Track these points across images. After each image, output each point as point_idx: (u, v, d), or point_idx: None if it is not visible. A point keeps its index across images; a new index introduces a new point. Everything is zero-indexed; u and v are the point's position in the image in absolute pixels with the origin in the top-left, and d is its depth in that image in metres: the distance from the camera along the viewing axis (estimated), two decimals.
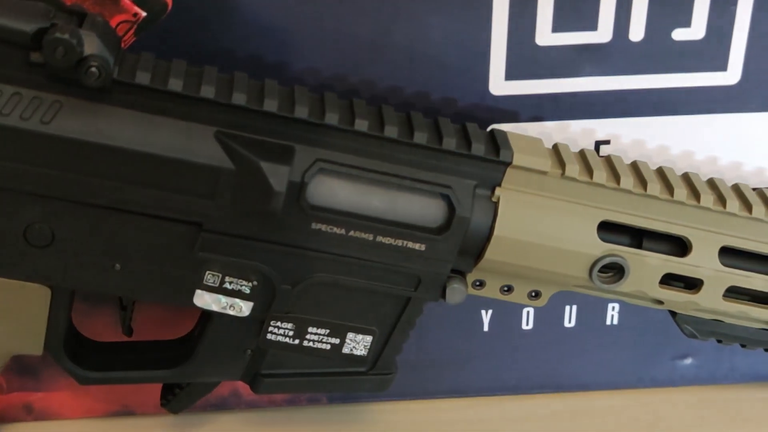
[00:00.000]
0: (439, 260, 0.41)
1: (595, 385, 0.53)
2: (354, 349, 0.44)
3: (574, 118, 0.46)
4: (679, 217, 0.43)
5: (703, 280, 0.43)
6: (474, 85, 0.44)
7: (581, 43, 0.44)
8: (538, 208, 0.41)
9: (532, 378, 0.53)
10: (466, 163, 0.40)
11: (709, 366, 0.53)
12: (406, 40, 0.43)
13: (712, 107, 0.46)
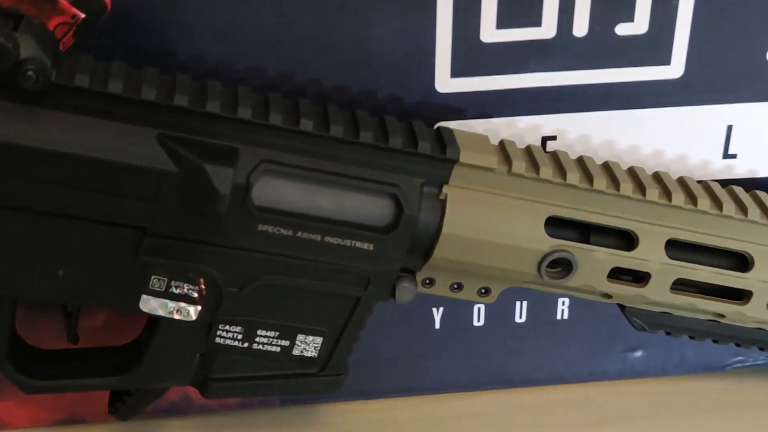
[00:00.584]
0: (387, 259, 0.41)
1: (548, 379, 0.54)
2: (304, 351, 0.43)
3: (521, 114, 0.46)
4: (625, 211, 0.43)
5: (650, 273, 0.43)
6: (420, 82, 0.44)
7: (526, 39, 0.44)
8: (485, 205, 0.41)
9: (485, 374, 0.53)
10: (413, 161, 0.40)
11: (659, 358, 0.54)
12: (351, 39, 0.43)
13: (657, 101, 0.46)
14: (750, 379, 0.55)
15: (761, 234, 0.44)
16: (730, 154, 0.48)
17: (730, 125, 0.47)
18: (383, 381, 0.52)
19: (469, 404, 0.53)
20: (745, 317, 0.45)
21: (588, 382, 0.54)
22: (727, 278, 0.44)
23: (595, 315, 0.52)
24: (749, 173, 0.49)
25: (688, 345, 0.53)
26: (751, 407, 0.53)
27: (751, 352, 0.53)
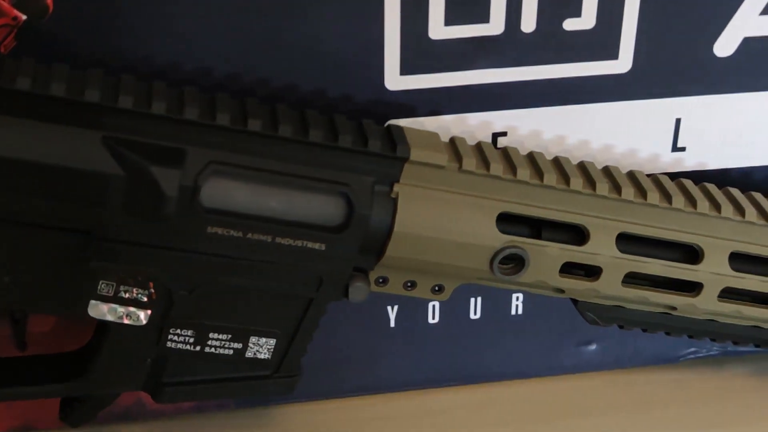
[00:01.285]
0: (340, 259, 0.41)
1: (503, 375, 0.54)
2: (257, 353, 0.43)
3: (471, 110, 0.46)
4: (576, 206, 0.43)
5: (602, 268, 0.44)
6: (369, 80, 0.44)
7: (474, 35, 0.44)
8: (436, 202, 0.41)
9: (441, 371, 0.53)
10: (363, 160, 0.40)
11: (613, 351, 0.54)
12: (299, 38, 0.43)
13: (606, 96, 0.47)
14: (704, 370, 0.55)
15: (711, 226, 0.44)
16: (679, 147, 0.49)
17: (679, 118, 0.48)
18: (339, 381, 0.52)
19: (425, 402, 0.53)
20: (696, 309, 0.46)
21: (543, 377, 0.54)
22: (678, 271, 0.44)
23: (550, 310, 0.52)
24: (698, 165, 0.49)
25: (642, 337, 0.53)
26: (705, 398, 0.53)
27: (705, 343, 0.54)
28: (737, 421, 0.51)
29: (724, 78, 0.47)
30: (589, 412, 0.52)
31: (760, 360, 0.56)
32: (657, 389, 0.54)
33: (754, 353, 0.55)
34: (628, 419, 0.52)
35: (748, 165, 0.49)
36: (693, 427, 0.51)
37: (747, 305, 0.46)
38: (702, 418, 0.52)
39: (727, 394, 0.53)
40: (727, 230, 0.45)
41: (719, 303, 0.45)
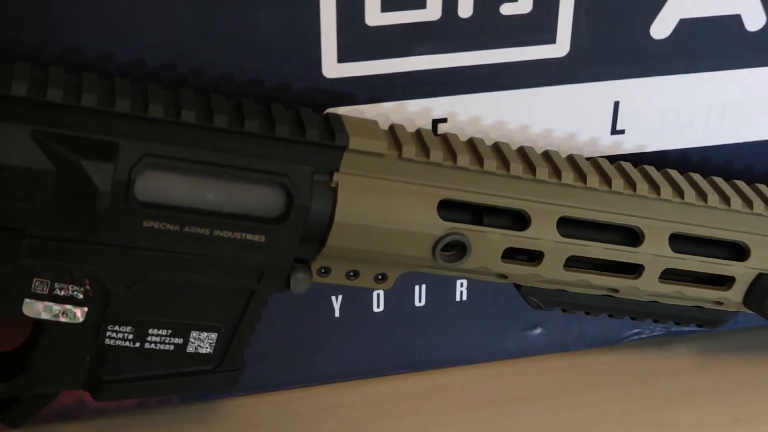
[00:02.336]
0: (280, 250, 0.40)
1: (450, 361, 0.54)
2: (199, 348, 0.42)
3: (411, 97, 0.46)
4: (516, 192, 0.43)
5: (543, 252, 0.44)
6: (307, 69, 0.43)
7: (411, 21, 0.43)
8: (377, 191, 0.41)
9: (387, 359, 0.53)
10: (301, 149, 0.40)
11: (558, 334, 0.55)
12: (234, 26, 0.42)
13: (545, 80, 0.47)
14: (647, 351, 0.56)
15: (650, 208, 0.45)
16: (618, 130, 0.49)
17: (617, 101, 0.48)
18: (284, 372, 0.51)
19: (372, 390, 0.52)
20: (638, 291, 0.46)
21: (489, 362, 0.54)
22: (619, 253, 0.45)
23: (494, 295, 0.52)
24: (637, 148, 0.49)
25: (586, 320, 0.54)
26: (649, 378, 0.54)
27: (648, 324, 0.54)
28: (680, 401, 0.52)
29: (662, 60, 0.47)
30: (535, 395, 0.52)
31: (703, 339, 0.56)
32: (601, 371, 0.54)
33: (697, 333, 0.56)
34: (574, 401, 0.52)
35: (686, 146, 0.50)
36: (637, 407, 0.51)
37: (688, 286, 0.47)
38: (645, 398, 0.52)
39: (670, 374, 0.54)
40: (666, 212, 0.45)
41: (660, 284, 0.46)
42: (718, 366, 0.55)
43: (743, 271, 0.46)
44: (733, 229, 0.46)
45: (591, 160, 0.45)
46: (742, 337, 0.56)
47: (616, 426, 0.50)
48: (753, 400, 0.52)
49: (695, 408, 0.52)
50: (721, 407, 0.51)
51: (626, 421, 0.51)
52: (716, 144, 0.50)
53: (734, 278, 0.46)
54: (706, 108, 0.49)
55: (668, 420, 0.51)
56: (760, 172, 0.51)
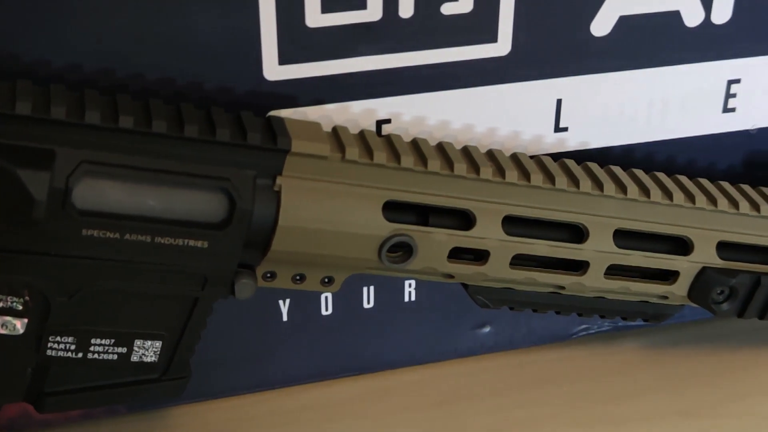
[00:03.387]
0: (224, 256, 0.40)
1: (399, 362, 0.54)
2: (143, 357, 0.42)
3: (354, 98, 0.45)
4: (461, 191, 0.43)
5: (489, 251, 0.44)
6: (247, 71, 0.43)
7: (352, 22, 0.43)
8: (321, 194, 0.41)
9: (337, 362, 0.52)
10: (243, 153, 0.39)
11: (507, 332, 0.55)
12: (172, 30, 0.41)
13: (487, 79, 0.47)
14: (596, 346, 0.56)
15: (594, 205, 0.45)
16: (562, 128, 0.49)
17: (560, 99, 0.48)
18: (233, 378, 0.51)
19: (322, 394, 0.52)
20: (584, 287, 0.46)
21: (439, 362, 0.54)
22: (564, 250, 0.45)
23: (442, 295, 0.52)
24: (581, 145, 0.50)
25: (534, 317, 0.54)
26: (597, 374, 0.54)
27: (596, 319, 0.55)
28: (628, 395, 0.52)
29: (603, 57, 0.47)
30: (485, 394, 0.52)
31: (651, 334, 0.57)
32: (550, 367, 0.54)
33: (644, 327, 0.56)
34: (523, 399, 0.52)
35: (629, 142, 0.50)
36: (586, 403, 0.52)
37: (633, 281, 0.47)
38: (594, 393, 0.52)
39: (618, 368, 0.54)
40: (610, 208, 0.45)
41: (606, 280, 0.46)
42: (665, 359, 0.55)
43: (687, 265, 0.47)
44: (676, 223, 0.46)
45: (535, 158, 0.46)
46: (688, 330, 0.57)
47: (565, 422, 0.51)
48: (700, 393, 0.53)
49: (643, 402, 0.52)
50: (669, 400, 0.52)
51: (576, 417, 0.51)
52: (659, 139, 0.51)
53: (678, 272, 0.47)
54: (648, 104, 0.49)
55: (617, 414, 0.51)
56: (702, 167, 0.52)
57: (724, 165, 0.52)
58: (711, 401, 0.52)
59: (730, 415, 0.51)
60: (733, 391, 0.53)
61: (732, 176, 0.52)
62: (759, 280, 0.48)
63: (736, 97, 0.50)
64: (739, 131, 0.52)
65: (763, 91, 0.51)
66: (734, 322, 0.50)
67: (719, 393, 0.53)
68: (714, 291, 0.47)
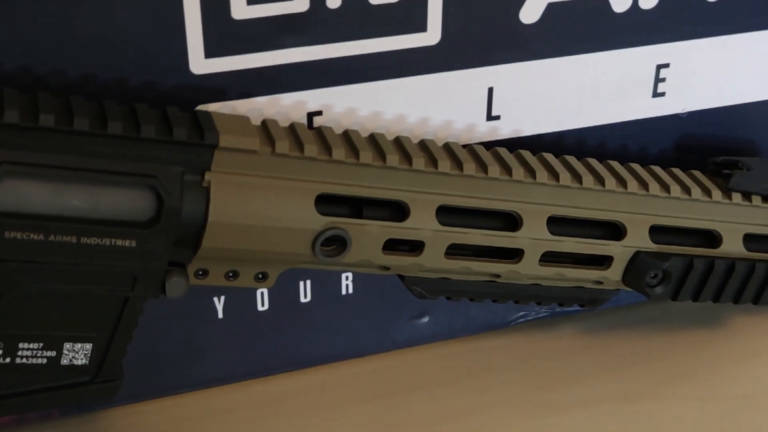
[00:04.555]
0: (153, 255, 0.39)
1: (338, 355, 0.53)
2: (74, 360, 0.41)
3: (284, 91, 0.45)
4: (394, 183, 0.43)
5: (424, 242, 0.43)
6: (173, 65, 0.42)
7: (279, 14, 0.42)
8: (251, 189, 0.40)
9: (276, 358, 0.52)
10: (169, 149, 0.38)
11: (445, 322, 0.55)
12: (93, 24, 0.40)
13: (418, 69, 0.46)
14: (534, 333, 0.56)
15: (527, 192, 0.45)
16: (494, 116, 0.49)
17: (491, 87, 0.48)
18: (169, 378, 0.50)
19: (262, 390, 0.52)
20: (519, 275, 0.46)
21: (378, 354, 0.54)
22: (499, 239, 0.45)
23: (380, 287, 0.52)
24: (513, 133, 0.50)
25: (472, 306, 0.54)
26: (536, 360, 0.54)
27: (533, 306, 0.55)
28: (567, 381, 0.53)
29: (532, 44, 0.47)
30: (425, 384, 0.52)
31: (588, 318, 0.57)
32: (489, 356, 0.54)
33: (582, 312, 0.56)
34: (463, 388, 0.52)
35: (561, 129, 0.50)
36: (526, 390, 0.52)
37: (568, 267, 0.47)
38: (534, 379, 0.53)
39: (557, 354, 0.55)
40: (543, 196, 0.45)
41: (541, 267, 0.46)
42: (602, 344, 0.56)
43: (620, 250, 0.47)
44: (608, 209, 0.46)
45: (467, 147, 0.45)
46: (624, 314, 0.57)
47: (506, 410, 0.51)
48: (638, 376, 0.53)
49: (583, 386, 0.52)
50: (608, 384, 0.52)
51: (516, 405, 0.51)
52: (590, 125, 0.51)
53: (612, 257, 0.47)
54: (579, 90, 0.50)
55: (557, 400, 0.51)
56: (633, 151, 0.52)
57: (656, 149, 0.53)
58: (648, 384, 0.53)
59: (667, 397, 0.52)
60: (671, 373, 0.53)
61: (663, 160, 0.52)
62: (692, 262, 0.48)
63: (666, 82, 0.51)
64: (670, 115, 0.52)
65: (692, 75, 0.51)
66: (669, 304, 0.50)
67: (656, 376, 0.53)
68: (648, 275, 0.47)
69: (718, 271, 0.49)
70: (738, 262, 0.49)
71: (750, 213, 0.49)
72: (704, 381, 0.53)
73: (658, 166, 0.49)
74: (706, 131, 0.53)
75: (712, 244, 0.49)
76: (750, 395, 0.52)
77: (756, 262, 0.49)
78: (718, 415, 0.51)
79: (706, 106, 0.52)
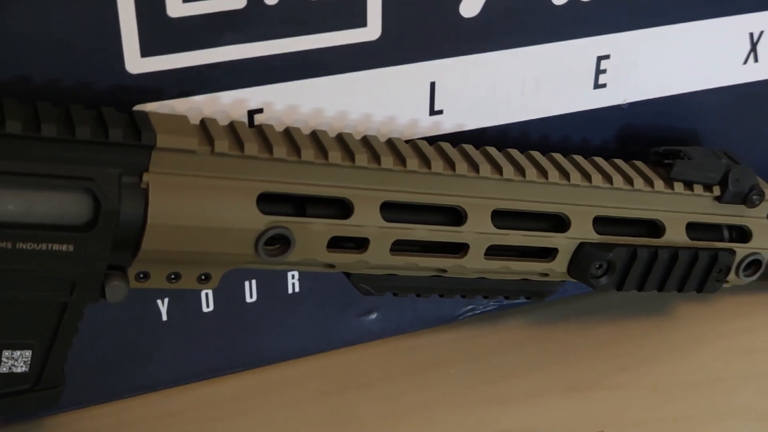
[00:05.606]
0: (92, 259, 0.38)
1: (286, 355, 0.53)
2: (13, 367, 0.40)
3: (223, 89, 0.44)
4: (337, 180, 0.42)
5: (369, 239, 0.43)
6: (109, 65, 0.41)
7: (216, 11, 0.42)
8: (191, 189, 0.39)
9: (222, 359, 0.51)
10: (105, 151, 0.38)
11: (393, 318, 0.54)
12: (25, 24, 0.39)
13: (359, 64, 0.46)
14: (482, 326, 0.56)
15: (471, 187, 0.45)
16: (437, 111, 0.49)
17: (433, 82, 0.48)
18: (113, 383, 0.49)
19: (209, 393, 0.51)
20: (465, 269, 0.46)
21: (327, 352, 0.54)
22: (444, 234, 0.45)
23: (326, 284, 0.52)
24: (456, 127, 0.49)
25: (420, 301, 0.54)
26: (485, 353, 0.54)
27: (480, 300, 0.55)
28: (516, 373, 0.53)
29: (473, 38, 0.47)
30: (375, 381, 0.52)
31: (535, 311, 0.57)
32: (439, 350, 0.54)
33: (530, 305, 0.57)
34: (413, 384, 0.52)
35: (504, 122, 0.50)
36: (475, 383, 0.52)
37: (514, 260, 0.47)
38: (483, 373, 0.53)
39: (505, 347, 0.55)
40: (487, 189, 0.45)
41: (487, 261, 0.46)
42: (550, 335, 0.56)
43: (565, 242, 0.47)
44: (552, 201, 0.47)
45: (410, 142, 0.45)
46: (571, 305, 0.58)
47: (456, 404, 0.51)
48: (586, 366, 0.54)
49: (531, 378, 0.53)
50: (555, 376, 0.53)
51: (465, 398, 0.51)
52: (533, 118, 0.51)
53: (557, 249, 0.47)
54: (521, 83, 0.50)
55: (505, 393, 0.51)
56: (576, 143, 0.52)
57: (598, 140, 0.53)
58: (596, 374, 0.53)
59: (615, 386, 0.52)
60: (618, 362, 0.54)
61: (606, 151, 0.53)
62: (635, 252, 0.48)
63: (606, 73, 0.51)
64: (611, 106, 0.52)
65: (633, 66, 0.52)
66: (614, 294, 0.51)
67: (604, 366, 0.54)
68: (592, 266, 0.48)
69: (661, 261, 0.49)
70: (681, 250, 0.49)
71: (692, 202, 0.50)
72: (651, 370, 0.54)
73: (601, 157, 0.49)
74: (648, 122, 0.53)
75: (656, 233, 0.49)
76: (697, 382, 0.53)
77: (699, 251, 0.50)
78: (666, 403, 0.51)
79: (647, 97, 0.53)
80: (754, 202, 0.51)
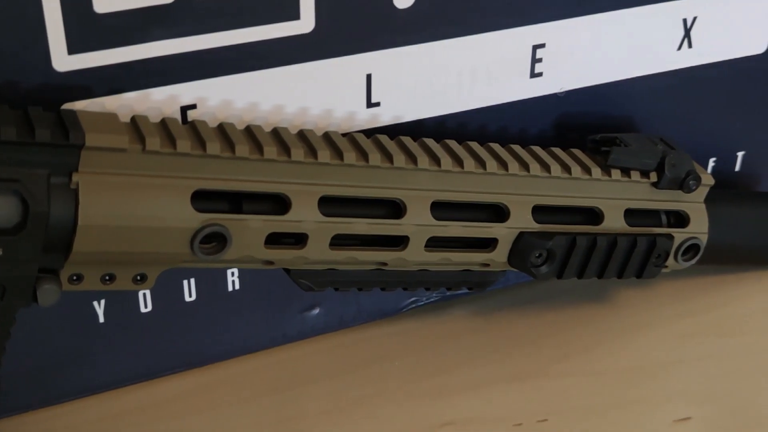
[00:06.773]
0: (21, 262, 0.37)
1: (228, 353, 0.52)
2: None
3: (154, 85, 0.43)
4: (273, 175, 0.42)
5: (307, 234, 0.43)
6: (34, 64, 0.40)
7: (144, 6, 0.41)
8: (123, 189, 0.39)
9: (162, 360, 0.51)
10: (32, 151, 0.36)
11: (336, 312, 0.54)
12: None
13: (294, 57, 0.45)
14: (426, 318, 0.56)
15: (409, 179, 0.45)
16: (374, 103, 0.48)
17: (369, 74, 0.47)
18: (50, 387, 0.48)
19: (149, 394, 0.50)
20: (406, 262, 0.46)
21: (269, 348, 0.53)
22: (383, 227, 0.44)
23: (267, 281, 0.51)
24: (394, 119, 0.49)
25: (362, 295, 0.54)
26: (429, 345, 0.54)
27: (423, 291, 0.55)
28: (460, 364, 0.53)
29: (408, 29, 0.47)
30: (319, 377, 0.52)
31: (478, 300, 0.57)
32: (382, 343, 0.54)
33: (472, 295, 0.57)
34: (357, 378, 0.52)
35: (442, 113, 0.50)
36: (419, 375, 0.52)
37: (454, 251, 0.47)
38: (427, 365, 0.53)
39: (449, 338, 0.55)
40: (425, 181, 0.45)
41: (427, 253, 0.46)
42: (493, 325, 0.56)
43: (505, 232, 0.47)
44: (491, 191, 0.46)
45: (348, 136, 0.45)
46: (513, 294, 0.58)
47: (400, 397, 0.51)
48: (529, 354, 0.54)
49: (476, 368, 0.53)
50: (497, 366, 0.53)
51: (410, 390, 0.51)
52: (470, 109, 0.51)
53: (497, 239, 0.47)
54: (457, 74, 0.49)
55: (449, 384, 0.51)
56: (513, 133, 0.52)
57: (536, 129, 0.53)
58: (539, 362, 0.53)
59: (559, 373, 0.53)
60: (561, 350, 0.54)
61: (543, 140, 0.53)
62: (575, 240, 0.48)
63: (542, 62, 0.51)
64: (548, 95, 0.52)
65: (569, 54, 0.52)
66: (555, 283, 0.51)
67: (547, 353, 0.54)
68: (532, 255, 0.48)
69: (600, 248, 0.49)
70: (620, 237, 0.50)
71: (629, 188, 0.50)
72: (594, 356, 0.54)
73: (539, 146, 0.49)
74: (584, 109, 0.54)
75: (594, 221, 0.50)
76: (639, 367, 0.53)
77: (637, 237, 0.50)
78: (609, 389, 0.52)
79: (583, 85, 0.53)
80: (691, 188, 0.51)
